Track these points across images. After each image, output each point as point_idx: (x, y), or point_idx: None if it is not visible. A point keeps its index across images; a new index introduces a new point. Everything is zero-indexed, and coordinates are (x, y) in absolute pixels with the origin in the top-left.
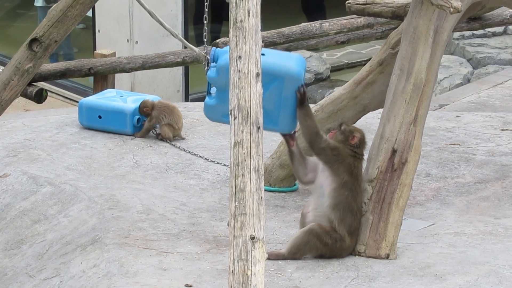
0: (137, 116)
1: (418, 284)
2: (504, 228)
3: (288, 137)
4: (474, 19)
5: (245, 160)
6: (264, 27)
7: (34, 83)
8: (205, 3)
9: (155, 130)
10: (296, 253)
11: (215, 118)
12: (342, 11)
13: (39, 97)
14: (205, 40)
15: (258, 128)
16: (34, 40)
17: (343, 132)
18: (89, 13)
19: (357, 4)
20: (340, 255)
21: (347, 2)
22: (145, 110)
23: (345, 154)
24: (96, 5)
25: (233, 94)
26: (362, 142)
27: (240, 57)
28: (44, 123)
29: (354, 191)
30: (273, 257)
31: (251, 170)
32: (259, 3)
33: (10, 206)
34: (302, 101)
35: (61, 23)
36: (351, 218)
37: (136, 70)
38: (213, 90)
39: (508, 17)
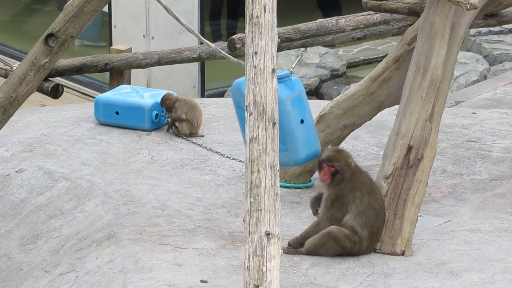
0: (155, 112)
1: (434, 280)
2: None
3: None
4: (490, 16)
5: (260, 156)
6: (280, 23)
7: (50, 79)
8: None
9: (174, 126)
10: (312, 252)
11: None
12: (357, 8)
13: (55, 92)
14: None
15: (274, 124)
16: (50, 35)
17: (340, 167)
18: (105, 9)
19: (373, 0)
20: (357, 255)
21: None
22: (168, 103)
23: (348, 185)
24: (112, 0)
25: (248, 90)
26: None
27: (256, 52)
28: (60, 118)
29: (369, 190)
30: (291, 252)
31: (267, 166)
32: None
33: (26, 201)
34: None
35: (77, 18)
36: (374, 219)
37: (152, 65)
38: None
39: None
